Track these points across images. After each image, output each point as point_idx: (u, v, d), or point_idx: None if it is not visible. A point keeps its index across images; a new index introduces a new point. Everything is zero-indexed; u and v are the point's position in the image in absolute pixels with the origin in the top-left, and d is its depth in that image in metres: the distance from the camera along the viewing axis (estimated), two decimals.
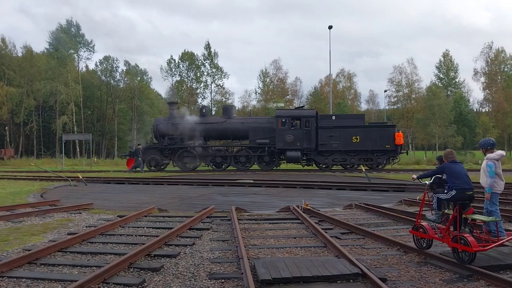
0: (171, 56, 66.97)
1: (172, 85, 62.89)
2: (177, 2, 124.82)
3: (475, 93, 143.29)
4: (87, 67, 67.47)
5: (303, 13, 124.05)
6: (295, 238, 7.78)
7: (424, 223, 6.44)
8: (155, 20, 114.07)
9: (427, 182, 6.84)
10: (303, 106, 43.69)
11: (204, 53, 62.48)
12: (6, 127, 55.27)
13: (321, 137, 27.03)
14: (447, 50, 76.42)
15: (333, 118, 28.37)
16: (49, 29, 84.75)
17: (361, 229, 8.11)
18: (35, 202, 12.50)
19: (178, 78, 63.17)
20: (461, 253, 5.61)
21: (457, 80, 69.33)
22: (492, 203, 6.56)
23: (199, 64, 62.68)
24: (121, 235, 7.96)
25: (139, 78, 64.87)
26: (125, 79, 63.19)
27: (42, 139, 59.19)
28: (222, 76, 62.76)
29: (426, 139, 56.81)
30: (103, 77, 63.60)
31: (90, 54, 63.17)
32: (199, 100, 63.40)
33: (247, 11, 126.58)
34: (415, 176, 6.93)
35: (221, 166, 28.55)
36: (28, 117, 56.41)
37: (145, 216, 10.19)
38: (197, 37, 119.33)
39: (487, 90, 62.27)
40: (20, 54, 60.32)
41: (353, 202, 11.97)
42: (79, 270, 5.67)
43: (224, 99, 63.41)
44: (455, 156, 6.47)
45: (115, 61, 62.79)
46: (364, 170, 22.92)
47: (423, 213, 6.96)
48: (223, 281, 5.21)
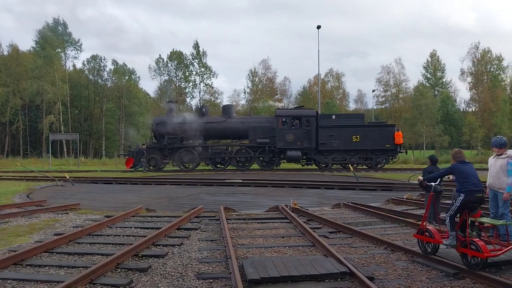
0: (160, 55, 66.68)
1: (160, 84, 62.62)
2: (164, 1, 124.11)
3: (462, 93, 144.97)
4: (74, 66, 66.77)
5: (292, 13, 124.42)
6: (283, 237, 7.80)
7: (430, 227, 6.11)
8: (142, 19, 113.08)
9: (433, 183, 6.55)
10: (303, 106, 43.75)
11: (192, 53, 62.21)
12: None
13: (321, 136, 27.14)
14: (434, 50, 76.95)
15: (333, 117, 28.62)
16: (35, 27, 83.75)
17: (349, 228, 8.17)
18: (21, 202, 12.34)
19: (166, 77, 62.90)
20: (471, 259, 5.35)
21: (444, 80, 70.01)
22: (506, 205, 6.36)
23: (188, 63, 62.45)
24: (108, 236, 7.91)
25: (127, 77, 64.31)
26: (113, 78, 62.61)
27: (28, 139, 58.36)
28: (210, 75, 62.52)
29: (413, 138, 57.29)
30: (91, 76, 62.92)
31: (77, 53, 62.52)
32: (188, 99, 63.23)
33: (235, 11, 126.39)
34: (421, 177, 6.75)
35: (221, 165, 28.44)
36: (14, 117, 55.52)
37: (133, 216, 10.13)
38: (185, 36, 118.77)
39: (474, 90, 62.97)
40: (6, 52, 59.50)
41: (341, 201, 12.04)
42: (66, 271, 5.62)
43: (213, 99, 63.28)
44: (464, 156, 6.10)
45: (102, 60, 62.27)
46: (352, 169, 23.06)
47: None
48: (211, 281, 5.21)
